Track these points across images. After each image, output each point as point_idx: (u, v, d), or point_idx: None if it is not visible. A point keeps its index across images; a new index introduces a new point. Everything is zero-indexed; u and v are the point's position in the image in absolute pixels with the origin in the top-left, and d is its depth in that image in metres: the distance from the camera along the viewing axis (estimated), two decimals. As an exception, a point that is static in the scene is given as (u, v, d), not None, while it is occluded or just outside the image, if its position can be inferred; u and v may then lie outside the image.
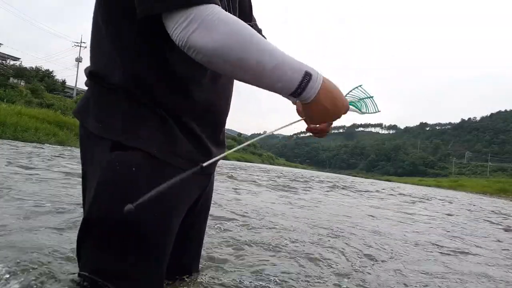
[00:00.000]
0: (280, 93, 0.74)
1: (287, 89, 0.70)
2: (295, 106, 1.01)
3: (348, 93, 0.90)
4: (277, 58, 0.68)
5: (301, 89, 0.70)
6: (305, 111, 0.77)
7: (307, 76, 0.70)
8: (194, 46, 0.65)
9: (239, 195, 4.43)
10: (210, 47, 0.64)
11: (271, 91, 0.73)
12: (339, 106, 0.76)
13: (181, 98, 0.82)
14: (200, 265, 1.23)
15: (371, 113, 0.93)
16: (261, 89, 0.72)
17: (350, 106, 0.86)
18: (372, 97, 0.92)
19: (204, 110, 0.86)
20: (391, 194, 10.20)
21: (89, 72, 0.83)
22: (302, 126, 0.95)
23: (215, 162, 0.96)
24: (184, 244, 0.99)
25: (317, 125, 0.93)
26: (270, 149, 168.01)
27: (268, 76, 0.68)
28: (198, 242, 1.10)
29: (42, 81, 28.92)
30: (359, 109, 0.91)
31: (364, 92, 0.91)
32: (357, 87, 0.91)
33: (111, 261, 0.77)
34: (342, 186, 10.78)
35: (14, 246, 1.29)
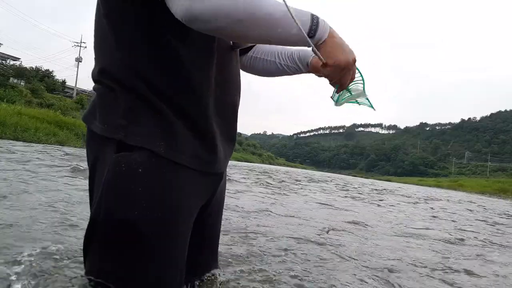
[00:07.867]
0: (296, 42, 0.73)
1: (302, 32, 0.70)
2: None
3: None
4: (283, 5, 0.67)
5: (315, 26, 0.72)
6: (321, 53, 0.76)
7: (314, 15, 0.73)
8: (200, 15, 0.63)
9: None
10: (216, 10, 0.62)
11: (287, 42, 0.73)
12: (349, 47, 0.79)
13: (188, 93, 0.80)
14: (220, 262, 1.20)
15: (367, 106, 0.92)
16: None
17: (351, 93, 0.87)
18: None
19: (213, 103, 0.84)
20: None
21: (97, 72, 0.81)
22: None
23: (226, 161, 0.94)
24: (198, 243, 0.97)
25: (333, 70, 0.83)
26: (270, 149, 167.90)
27: (282, 25, 0.67)
28: (213, 240, 1.07)
29: (42, 81, 28.76)
30: (360, 97, 0.91)
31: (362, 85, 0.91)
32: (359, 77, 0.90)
33: (115, 263, 0.76)
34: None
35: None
